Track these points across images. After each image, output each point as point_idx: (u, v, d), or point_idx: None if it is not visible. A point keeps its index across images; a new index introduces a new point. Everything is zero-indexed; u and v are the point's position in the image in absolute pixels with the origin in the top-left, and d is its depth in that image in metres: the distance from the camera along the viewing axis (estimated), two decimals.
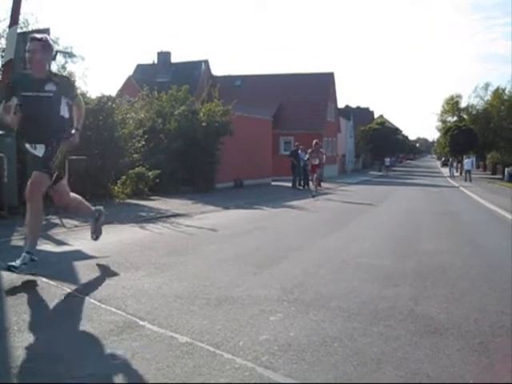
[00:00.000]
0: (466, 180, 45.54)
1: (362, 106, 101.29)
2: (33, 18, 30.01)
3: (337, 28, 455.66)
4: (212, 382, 3.94)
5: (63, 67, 22.27)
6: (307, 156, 30.05)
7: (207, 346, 4.67)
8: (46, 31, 13.90)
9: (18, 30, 13.40)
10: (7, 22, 12.91)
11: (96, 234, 8.52)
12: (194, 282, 7.00)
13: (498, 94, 66.32)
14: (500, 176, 53.50)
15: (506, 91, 66.60)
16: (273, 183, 31.30)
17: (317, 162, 24.43)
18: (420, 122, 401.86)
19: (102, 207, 8.77)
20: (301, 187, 29.23)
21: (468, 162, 49.07)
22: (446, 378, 4.15)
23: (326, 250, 9.91)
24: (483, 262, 9.35)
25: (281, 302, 6.17)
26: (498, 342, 5.02)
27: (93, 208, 8.55)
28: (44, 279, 6.82)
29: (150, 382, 3.91)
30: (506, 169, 48.59)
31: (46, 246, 9.38)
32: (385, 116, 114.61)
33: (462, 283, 7.47)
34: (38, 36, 6.89)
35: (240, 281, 7.19)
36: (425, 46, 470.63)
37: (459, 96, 72.62)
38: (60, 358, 4.31)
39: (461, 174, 55.84)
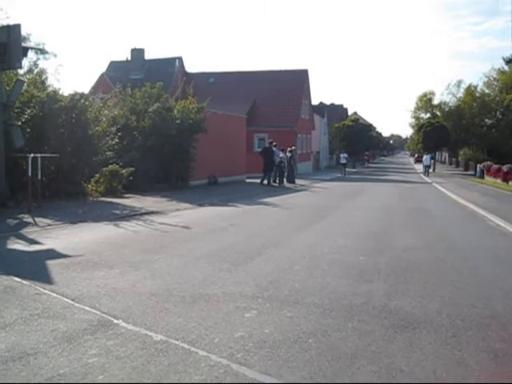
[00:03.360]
0: (424, 174, 48.07)
1: (336, 103, 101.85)
2: (2, 13, 29.74)
3: (311, 25, 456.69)
4: (187, 379, 3.95)
5: (35, 64, 22.02)
6: (281, 154, 30.19)
7: (182, 343, 4.67)
8: (17, 27, 13.76)
9: None
10: None
11: None
12: (169, 280, 7.00)
13: (470, 91, 66.97)
14: (472, 172, 54.08)
15: (478, 88, 67.50)
16: (247, 180, 31.29)
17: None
18: (394, 119, 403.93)
19: None
20: (276, 184, 29.27)
21: (426, 158, 51.62)
22: (419, 371, 4.21)
23: (300, 247, 9.96)
24: (455, 257, 9.47)
25: (255, 298, 6.19)
26: (469, 335, 5.10)
27: None
28: (16, 278, 6.76)
29: (125, 381, 3.91)
30: (478, 165, 49.11)
31: (18, 246, 9.29)
32: (358, 113, 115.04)
33: (434, 278, 7.56)
34: None
35: (215, 278, 7.20)
36: (398, 43, 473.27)
37: (432, 93, 73.27)
38: (32, 357, 4.28)
39: (433, 170, 56.50)
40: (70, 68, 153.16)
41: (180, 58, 52.43)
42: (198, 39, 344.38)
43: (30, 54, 28.36)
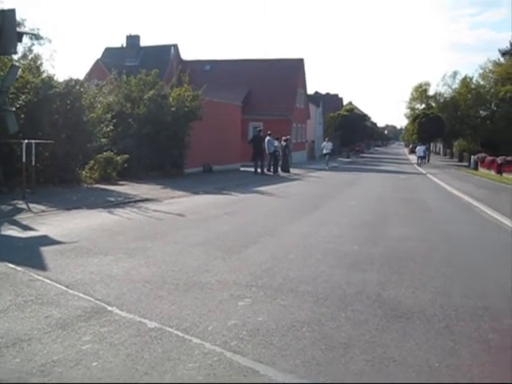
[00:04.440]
0: (418, 165, 48.72)
1: (332, 92, 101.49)
2: None
3: (307, 14, 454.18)
4: (180, 367, 3.95)
5: (30, 49, 21.87)
6: (276, 142, 30.13)
7: (176, 331, 4.68)
8: (12, 12, 13.64)
9: None
10: None
11: None
12: (163, 267, 7.00)
13: (465, 82, 66.87)
14: (466, 163, 54.17)
15: (474, 80, 67.39)
16: (242, 169, 31.27)
17: None
18: (389, 109, 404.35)
19: None
20: (270, 173, 29.25)
21: (419, 149, 52.51)
22: (412, 361, 4.23)
23: (294, 236, 9.97)
24: (449, 248, 9.50)
25: (249, 287, 6.20)
26: (462, 326, 5.13)
27: None
28: (10, 265, 6.75)
29: (119, 368, 3.91)
30: (472, 156, 49.21)
31: (12, 232, 9.27)
32: (354, 103, 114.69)
33: (428, 269, 7.59)
34: None
35: (209, 266, 7.20)
36: (394, 33, 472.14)
37: (428, 84, 73.10)
38: (26, 343, 4.28)
39: (428, 161, 56.53)
40: (65, 54, 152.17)
41: (175, 46, 52.19)
42: (194, 27, 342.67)
43: (25, 39, 28.14)
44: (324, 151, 41.94)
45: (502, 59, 62.75)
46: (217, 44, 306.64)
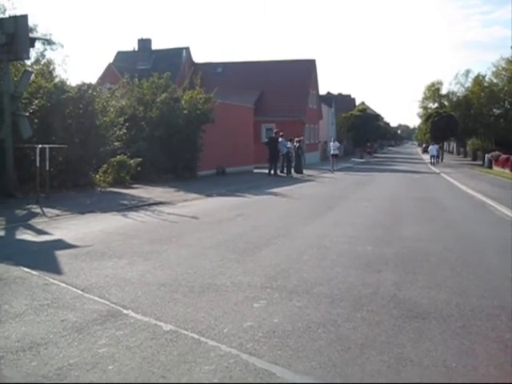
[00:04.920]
0: (432, 164, 48.70)
1: (344, 92, 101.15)
2: (9, 3, 29.64)
3: (318, 15, 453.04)
4: (197, 369, 3.95)
5: (42, 55, 22.02)
6: (288, 144, 30.10)
7: (191, 333, 4.68)
8: (24, 18, 13.75)
9: None
10: None
11: None
12: (178, 270, 7.01)
13: (478, 80, 66.42)
14: (480, 162, 53.82)
15: (486, 78, 66.92)
16: (255, 170, 31.28)
17: None
18: (401, 109, 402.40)
19: None
20: (283, 174, 29.22)
21: (432, 148, 52.75)
22: (428, 361, 4.20)
23: (308, 237, 9.95)
24: (464, 247, 9.43)
25: (264, 288, 6.19)
26: (479, 326, 5.09)
27: None
28: (26, 269, 6.78)
29: (135, 371, 3.92)
30: (486, 155, 48.87)
31: (27, 236, 9.33)
32: (366, 103, 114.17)
33: (443, 269, 7.54)
34: None
35: (223, 268, 7.20)
36: (406, 32, 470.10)
37: (440, 82, 72.66)
38: (43, 347, 4.29)
39: (441, 160, 56.26)
40: (77, 58, 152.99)
41: (187, 49, 52.30)
42: (205, 29, 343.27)
43: (37, 44, 28.19)
44: (331, 152, 37.71)
45: None
46: (228, 47, 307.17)
